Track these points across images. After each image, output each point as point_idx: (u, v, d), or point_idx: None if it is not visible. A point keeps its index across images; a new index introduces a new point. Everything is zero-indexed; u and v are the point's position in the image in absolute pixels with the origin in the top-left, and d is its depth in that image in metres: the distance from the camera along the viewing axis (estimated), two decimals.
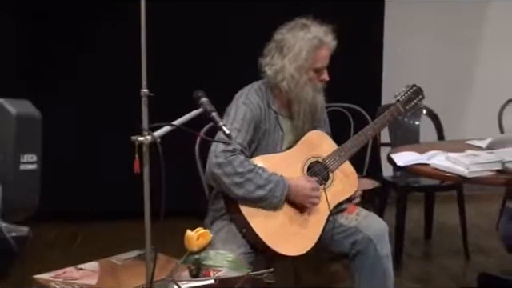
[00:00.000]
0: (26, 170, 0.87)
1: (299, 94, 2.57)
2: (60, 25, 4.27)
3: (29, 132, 0.88)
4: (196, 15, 4.34)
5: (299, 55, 2.53)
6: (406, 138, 3.91)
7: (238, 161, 2.42)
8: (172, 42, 4.25)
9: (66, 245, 4.02)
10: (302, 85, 2.56)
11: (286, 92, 2.57)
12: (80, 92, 4.34)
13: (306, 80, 2.56)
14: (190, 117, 2.00)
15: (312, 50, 2.54)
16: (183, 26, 4.33)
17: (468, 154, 2.89)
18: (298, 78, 2.55)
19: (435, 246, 4.11)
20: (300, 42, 2.54)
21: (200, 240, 1.98)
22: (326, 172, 2.62)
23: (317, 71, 2.59)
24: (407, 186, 3.79)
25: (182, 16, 4.32)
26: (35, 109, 0.93)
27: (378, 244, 2.55)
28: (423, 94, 2.85)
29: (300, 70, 2.55)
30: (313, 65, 2.56)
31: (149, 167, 1.87)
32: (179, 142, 2.77)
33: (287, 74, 2.54)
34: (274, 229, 2.46)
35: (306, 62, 2.54)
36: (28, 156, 0.87)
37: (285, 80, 2.55)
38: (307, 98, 2.58)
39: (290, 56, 2.54)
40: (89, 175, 4.40)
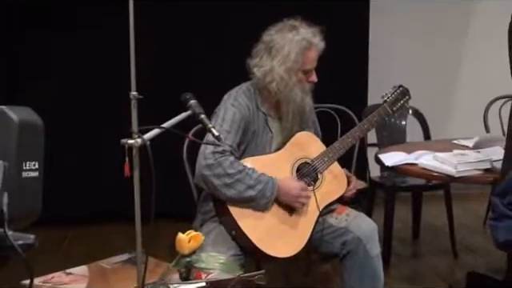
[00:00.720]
0: (28, 177, 0.86)
1: (288, 95, 2.57)
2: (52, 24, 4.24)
3: (31, 139, 0.88)
4: (185, 16, 4.33)
5: (288, 57, 2.54)
6: (392, 138, 3.92)
7: (228, 162, 2.41)
8: (160, 44, 4.23)
9: (54, 249, 3.99)
10: (291, 86, 2.56)
11: (275, 93, 2.58)
12: (68, 95, 4.31)
13: (295, 81, 2.56)
14: (179, 119, 2.00)
15: (301, 52, 2.54)
16: (172, 27, 4.31)
17: (456, 154, 2.91)
18: (287, 79, 2.55)
19: (423, 246, 4.13)
20: (289, 44, 2.54)
21: (191, 243, 1.97)
22: (315, 173, 2.62)
23: (305, 73, 2.59)
24: (394, 186, 3.80)
25: (170, 17, 4.30)
26: (37, 116, 0.93)
27: (368, 244, 2.56)
28: (409, 95, 2.87)
29: (289, 71, 2.55)
30: (302, 66, 2.57)
31: (139, 170, 1.87)
32: (168, 144, 2.78)
33: (276, 75, 2.54)
34: (264, 230, 2.46)
35: (295, 64, 2.55)
36: (30, 163, 0.87)
37: (274, 81, 2.55)
38: (296, 99, 2.58)
39: (279, 57, 2.54)
40: (77, 178, 4.38)
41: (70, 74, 4.31)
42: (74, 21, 4.24)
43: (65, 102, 4.26)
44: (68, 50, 4.28)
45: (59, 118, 4.25)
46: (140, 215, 1.91)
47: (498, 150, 2.96)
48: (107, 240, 4.06)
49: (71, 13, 4.22)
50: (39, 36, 4.23)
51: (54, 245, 4.06)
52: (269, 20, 2.65)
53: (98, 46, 4.25)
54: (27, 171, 0.88)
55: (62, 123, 4.21)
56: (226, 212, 2.47)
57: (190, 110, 2.05)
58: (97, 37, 4.24)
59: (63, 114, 4.20)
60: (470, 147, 3.18)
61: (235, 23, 4.26)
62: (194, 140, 2.32)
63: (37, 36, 4.23)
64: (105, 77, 4.21)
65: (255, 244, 2.43)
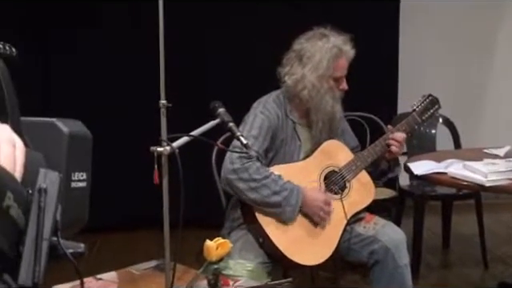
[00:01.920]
0: (76, 187, 0.90)
1: (319, 102, 2.58)
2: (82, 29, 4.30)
3: (80, 151, 0.91)
4: (213, 25, 4.36)
5: (320, 64, 2.55)
6: (422, 147, 3.89)
7: (254, 167, 2.43)
8: (188, 53, 4.27)
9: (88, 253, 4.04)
10: (323, 94, 2.57)
11: (306, 101, 2.58)
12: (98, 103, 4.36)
13: (326, 89, 2.57)
14: (208, 127, 2.02)
15: (332, 59, 2.55)
16: (199, 35, 4.34)
17: (486, 163, 2.87)
18: (318, 86, 2.56)
19: (453, 256, 4.08)
20: (320, 51, 2.55)
21: (219, 250, 1.99)
22: (343, 181, 2.62)
23: (336, 80, 2.60)
24: (424, 195, 3.77)
25: (198, 25, 4.34)
26: (86, 129, 0.97)
27: (397, 253, 2.54)
28: (439, 104, 2.84)
29: (321, 78, 2.56)
30: (333, 74, 2.58)
31: (168, 177, 1.89)
32: (197, 152, 2.80)
33: (308, 82, 2.55)
34: (292, 238, 2.47)
35: (326, 71, 2.56)
36: (79, 174, 0.90)
37: (306, 89, 2.56)
38: (326, 107, 2.59)
39: (310, 65, 2.56)
40: (107, 185, 4.41)
41: (99, 82, 4.36)
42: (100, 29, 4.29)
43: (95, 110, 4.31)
44: (97, 56, 4.33)
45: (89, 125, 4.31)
46: (168, 222, 1.93)
47: None
48: (136, 246, 4.09)
49: (99, 19, 4.28)
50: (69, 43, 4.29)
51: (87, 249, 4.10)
52: (296, 29, 2.66)
53: (128, 55, 4.30)
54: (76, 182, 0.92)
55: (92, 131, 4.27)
56: (253, 220, 2.48)
57: (218, 118, 2.07)
58: (126, 46, 4.29)
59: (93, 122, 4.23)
60: (501, 156, 3.14)
61: (263, 32, 4.28)
62: (223, 148, 2.34)
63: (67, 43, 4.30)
64: (134, 85, 4.26)
65: (283, 251, 2.44)
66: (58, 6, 4.23)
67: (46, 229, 0.81)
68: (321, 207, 2.49)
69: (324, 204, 2.50)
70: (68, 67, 4.35)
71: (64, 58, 4.33)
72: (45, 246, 0.80)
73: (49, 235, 0.82)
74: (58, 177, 0.81)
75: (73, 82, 4.36)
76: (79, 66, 4.35)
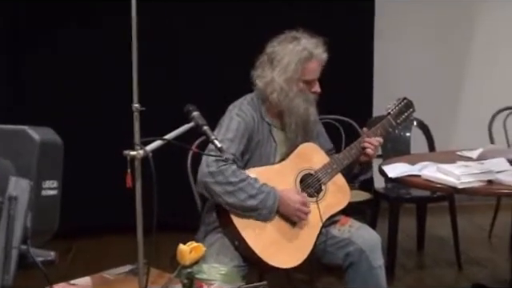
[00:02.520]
0: (47, 195, 0.90)
1: (289, 105, 2.58)
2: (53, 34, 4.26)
3: (51, 159, 0.91)
4: (187, 27, 4.35)
5: (288, 67, 2.55)
6: (397, 150, 3.92)
7: (230, 170, 2.43)
8: (162, 56, 4.25)
9: (59, 260, 4.00)
10: (292, 97, 2.57)
11: (276, 104, 2.59)
12: (68, 107, 4.32)
13: (295, 92, 2.58)
14: (181, 131, 2.01)
15: (301, 62, 2.56)
16: (173, 37, 4.33)
17: (459, 165, 2.90)
18: (287, 89, 2.56)
19: (428, 257, 4.12)
20: (289, 54, 2.56)
21: (193, 254, 1.98)
22: (319, 184, 2.63)
23: (307, 83, 2.60)
24: (399, 198, 3.80)
25: (172, 28, 4.32)
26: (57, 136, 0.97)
27: (371, 255, 2.56)
28: (414, 108, 2.87)
29: (289, 81, 2.56)
30: (302, 77, 2.58)
31: (141, 181, 1.88)
32: (172, 156, 2.79)
33: (277, 85, 2.56)
34: (267, 241, 2.47)
35: (294, 74, 2.56)
36: (49, 182, 0.90)
37: (275, 92, 2.57)
38: (298, 109, 2.59)
39: (279, 68, 2.56)
40: (80, 190, 4.38)
41: (71, 85, 4.31)
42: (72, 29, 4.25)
43: (66, 115, 4.27)
44: (69, 59, 4.29)
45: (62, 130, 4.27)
46: (142, 226, 1.92)
47: (502, 162, 2.95)
48: (111, 251, 4.06)
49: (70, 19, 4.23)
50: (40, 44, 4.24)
51: (58, 256, 4.06)
52: (271, 31, 2.66)
53: (99, 58, 4.26)
54: (46, 189, 0.91)
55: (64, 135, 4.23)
56: (229, 222, 2.48)
57: (193, 122, 2.07)
58: (98, 48, 4.26)
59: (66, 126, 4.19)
60: (474, 159, 3.17)
61: (238, 35, 4.28)
62: (197, 152, 2.33)
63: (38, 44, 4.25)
64: (107, 88, 4.22)
65: (258, 254, 2.43)
66: (28, 5, 4.17)
67: (16, 237, 0.81)
68: (298, 208, 2.50)
69: (301, 205, 2.50)
70: (39, 70, 4.29)
71: (34, 60, 4.27)
72: (14, 254, 0.80)
73: (18, 243, 0.82)
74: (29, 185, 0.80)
75: (44, 84, 4.30)
76: (50, 69, 4.30)
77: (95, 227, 4.36)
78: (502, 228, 4.18)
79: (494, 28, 5.11)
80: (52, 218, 0.94)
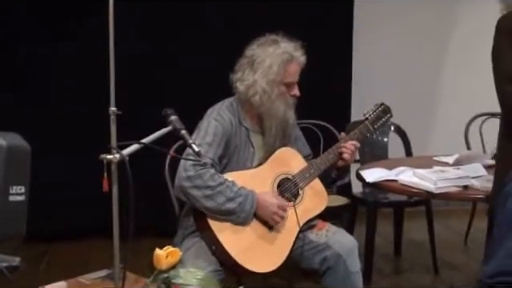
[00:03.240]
0: (14, 201, 0.89)
1: (271, 108, 2.59)
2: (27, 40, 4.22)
3: (18, 164, 0.90)
4: (165, 29, 4.33)
5: (270, 69, 2.57)
6: (374, 155, 3.95)
7: (208, 174, 2.43)
8: (140, 60, 4.23)
9: (33, 265, 3.96)
10: (274, 99, 2.59)
11: (257, 106, 2.60)
12: (45, 111, 4.28)
13: (277, 94, 2.59)
14: (159, 135, 2.01)
15: (282, 65, 2.58)
16: (150, 40, 4.31)
17: (435, 170, 2.93)
18: (269, 91, 2.57)
19: (405, 262, 4.14)
20: (270, 57, 2.58)
21: (169, 258, 1.97)
22: (296, 189, 2.63)
23: (287, 86, 2.62)
24: (376, 202, 3.82)
25: (149, 31, 4.31)
26: (24, 141, 0.96)
27: (348, 260, 2.57)
28: (391, 113, 2.89)
29: (271, 83, 2.57)
30: (283, 79, 2.59)
31: (117, 185, 1.87)
32: (150, 160, 2.78)
33: (259, 87, 2.57)
34: (244, 245, 2.46)
35: (276, 76, 2.57)
36: (17, 187, 0.89)
37: (257, 94, 2.57)
38: (278, 112, 2.60)
39: (260, 70, 2.58)
40: (55, 194, 4.34)
41: (46, 90, 4.28)
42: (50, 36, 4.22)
43: (42, 118, 4.24)
44: (43, 64, 4.25)
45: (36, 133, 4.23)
46: (118, 230, 1.91)
47: (478, 167, 2.99)
48: (87, 255, 4.03)
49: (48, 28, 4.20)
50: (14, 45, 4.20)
51: (33, 260, 4.02)
52: (250, 35, 2.67)
53: (75, 61, 4.24)
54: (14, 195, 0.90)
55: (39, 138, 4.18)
56: (206, 226, 2.47)
57: (170, 126, 2.06)
58: (74, 51, 4.23)
59: (41, 130, 4.17)
60: (450, 164, 3.20)
61: (218, 40, 4.28)
62: (174, 156, 2.33)
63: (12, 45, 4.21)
64: (83, 92, 4.20)
65: (234, 258, 2.43)
66: None
67: None
68: (275, 211, 2.50)
69: (278, 208, 2.51)
70: (14, 70, 4.25)
71: (6, 61, 4.23)
72: None
73: None
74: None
75: (18, 86, 4.26)
76: (24, 70, 4.26)
77: (71, 231, 4.32)
78: (477, 233, 4.22)
79: (470, 33, 5.16)
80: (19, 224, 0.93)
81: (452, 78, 5.26)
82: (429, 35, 5.15)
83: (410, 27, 5.11)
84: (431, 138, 5.14)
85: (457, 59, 5.24)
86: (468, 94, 5.19)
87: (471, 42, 5.19)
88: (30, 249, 4.11)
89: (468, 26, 5.19)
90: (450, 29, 5.22)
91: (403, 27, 5.10)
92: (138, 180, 1.87)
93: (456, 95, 5.23)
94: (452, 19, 5.21)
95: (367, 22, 4.88)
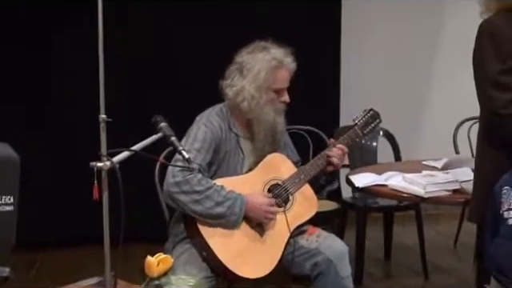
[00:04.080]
0: (3, 211, 0.89)
1: (260, 114, 2.60)
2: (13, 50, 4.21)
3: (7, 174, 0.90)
4: (156, 34, 4.33)
5: (258, 75, 2.58)
6: (364, 159, 3.96)
7: (196, 179, 2.44)
8: (128, 66, 4.23)
9: (23, 273, 3.94)
10: (262, 105, 2.59)
11: (246, 112, 2.60)
12: (35, 118, 4.27)
13: (265, 100, 2.60)
14: (149, 142, 2.01)
15: (271, 71, 2.59)
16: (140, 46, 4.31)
17: (425, 175, 2.95)
18: (257, 97, 2.58)
19: (395, 266, 4.15)
20: (259, 63, 2.59)
21: (160, 266, 1.97)
22: (286, 194, 2.64)
23: (277, 92, 2.63)
24: (366, 207, 3.83)
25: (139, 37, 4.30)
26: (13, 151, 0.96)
27: (339, 265, 2.58)
28: (380, 118, 2.90)
29: (259, 89, 2.58)
30: (272, 85, 2.60)
31: (108, 193, 1.87)
32: (140, 167, 2.78)
33: (247, 94, 2.58)
34: (234, 251, 2.47)
35: (265, 82, 2.58)
36: (6, 198, 0.89)
37: (245, 100, 2.58)
38: (268, 118, 2.61)
39: (249, 76, 2.59)
40: (45, 201, 4.33)
41: (37, 97, 4.27)
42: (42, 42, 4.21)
43: (32, 126, 4.22)
44: (34, 70, 4.24)
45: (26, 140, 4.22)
46: (109, 238, 1.91)
47: (467, 171, 3.01)
48: (77, 264, 4.01)
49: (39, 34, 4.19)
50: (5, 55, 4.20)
51: (22, 269, 4.00)
52: (239, 41, 2.68)
53: (66, 68, 4.23)
54: (2, 205, 0.90)
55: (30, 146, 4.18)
56: (196, 233, 2.48)
57: (160, 133, 2.07)
58: (64, 58, 4.22)
59: (30, 137, 4.16)
60: (439, 168, 3.22)
61: (206, 44, 4.28)
62: (164, 163, 2.33)
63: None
64: (73, 98, 4.19)
65: (225, 264, 2.44)
66: None
67: None
68: (265, 210, 2.52)
69: (268, 206, 2.52)
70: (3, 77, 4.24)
71: None
72: None
73: None
74: None
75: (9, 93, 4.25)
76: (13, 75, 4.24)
77: (61, 238, 4.30)
78: (467, 236, 4.24)
79: (459, 38, 5.17)
80: (8, 234, 0.93)
81: (440, 82, 5.28)
82: (417, 39, 5.18)
83: (399, 31, 5.13)
84: (420, 142, 5.16)
85: (445, 63, 5.26)
86: (456, 98, 5.21)
87: (461, 45, 5.21)
88: (19, 257, 4.11)
89: (458, 31, 5.22)
90: (440, 33, 5.25)
91: (391, 31, 5.12)
92: (127, 186, 1.87)
93: (444, 99, 5.25)
94: (442, 23, 5.23)
95: (355, 26, 4.90)
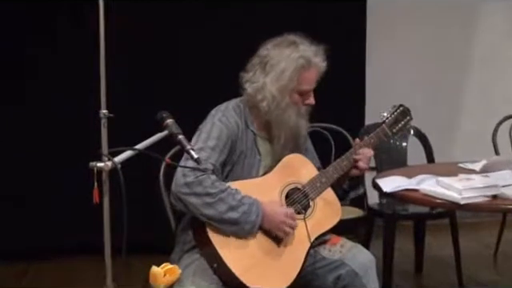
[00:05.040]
0: None
1: (280, 117, 2.58)
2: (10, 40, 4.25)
3: None
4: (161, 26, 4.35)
5: (282, 74, 2.55)
6: (392, 162, 3.95)
7: (209, 181, 2.42)
8: (132, 58, 4.25)
9: (13, 285, 3.97)
10: (284, 107, 2.57)
11: (265, 113, 2.58)
12: (27, 117, 4.30)
13: (288, 102, 2.57)
14: (154, 140, 2.01)
15: (297, 71, 2.55)
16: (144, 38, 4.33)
17: (461, 178, 2.92)
18: (279, 99, 2.56)
19: (427, 280, 4.14)
20: (285, 60, 2.55)
21: (167, 277, 1.98)
22: (306, 200, 2.63)
23: (301, 94, 2.60)
24: (395, 214, 3.82)
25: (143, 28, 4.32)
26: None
27: (365, 278, 2.56)
28: (411, 115, 2.89)
29: (282, 90, 2.56)
30: (297, 87, 2.57)
31: (109, 196, 1.88)
32: (143, 168, 2.78)
33: (268, 93, 2.55)
34: (249, 263, 2.46)
35: (289, 83, 2.56)
36: None
37: (265, 100, 2.56)
38: (289, 122, 2.59)
39: (272, 74, 2.56)
40: (39, 207, 4.35)
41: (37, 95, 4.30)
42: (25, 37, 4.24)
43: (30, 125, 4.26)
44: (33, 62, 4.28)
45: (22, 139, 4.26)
46: (110, 247, 1.91)
47: (508, 175, 2.98)
48: (74, 275, 4.04)
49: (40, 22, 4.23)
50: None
51: (12, 281, 4.03)
52: (256, 36, 2.64)
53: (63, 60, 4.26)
54: None
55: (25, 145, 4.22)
56: (206, 242, 2.46)
57: (166, 130, 2.07)
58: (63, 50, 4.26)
59: (26, 136, 4.19)
60: (477, 171, 3.20)
61: (221, 37, 4.29)
62: (172, 164, 2.33)
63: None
64: (72, 93, 4.22)
65: (239, 278, 2.42)
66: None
67: None
68: (283, 221, 2.49)
69: (287, 217, 2.50)
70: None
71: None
72: None
73: None
74: None
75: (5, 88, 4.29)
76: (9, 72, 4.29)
77: (56, 248, 4.32)
78: (508, 247, 4.22)
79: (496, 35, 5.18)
80: None
81: (478, 77, 5.26)
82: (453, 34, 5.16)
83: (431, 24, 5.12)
84: (455, 142, 5.14)
85: (483, 56, 5.24)
86: (496, 94, 5.19)
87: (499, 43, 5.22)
88: (7, 267, 4.15)
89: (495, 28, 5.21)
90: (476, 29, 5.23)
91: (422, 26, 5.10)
92: (129, 190, 1.87)
93: (483, 95, 5.23)
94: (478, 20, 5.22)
95: (383, 17, 4.90)
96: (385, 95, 4.48)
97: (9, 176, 4.28)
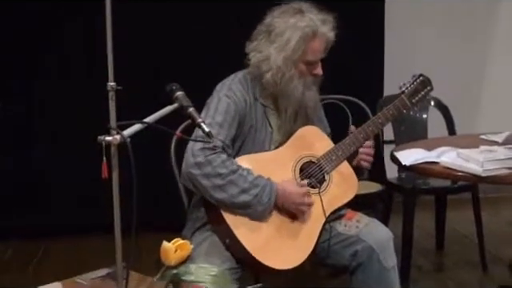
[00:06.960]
0: None
1: (285, 88, 2.58)
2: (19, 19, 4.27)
3: None
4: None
5: (288, 44, 2.54)
6: (412, 134, 3.94)
7: (219, 160, 2.44)
8: (139, 29, 4.25)
9: (24, 264, 4.02)
10: (289, 78, 2.57)
11: (270, 85, 2.59)
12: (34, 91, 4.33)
13: (293, 73, 2.57)
14: (163, 113, 2.02)
15: (303, 40, 2.54)
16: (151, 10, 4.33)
17: (483, 150, 2.92)
18: (284, 70, 2.56)
19: (448, 257, 4.15)
20: (290, 29, 2.55)
21: (178, 252, 2.00)
22: (321, 174, 2.64)
23: (308, 64, 2.60)
24: (415, 189, 3.82)
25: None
26: None
27: (382, 254, 2.58)
28: (431, 85, 2.88)
29: (287, 61, 2.55)
30: (303, 57, 2.57)
31: (118, 172, 1.89)
32: (153, 143, 2.80)
33: (273, 63, 2.56)
34: (262, 239, 2.49)
35: (294, 53, 2.55)
36: None
37: (270, 71, 2.56)
38: (295, 93, 2.59)
39: (277, 43, 2.56)
40: (48, 184, 4.40)
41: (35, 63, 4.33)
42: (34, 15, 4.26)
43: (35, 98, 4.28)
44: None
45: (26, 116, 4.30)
46: (120, 224, 1.93)
47: None
48: (85, 253, 4.09)
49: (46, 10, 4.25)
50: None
51: (24, 258, 4.09)
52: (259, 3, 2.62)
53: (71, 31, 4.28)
54: None
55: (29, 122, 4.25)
56: (219, 219, 2.49)
57: (176, 103, 2.07)
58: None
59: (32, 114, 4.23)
60: (500, 143, 3.20)
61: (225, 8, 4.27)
62: (182, 137, 2.34)
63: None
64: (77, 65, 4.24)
65: (252, 254, 2.45)
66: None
67: None
68: (300, 202, 2.51)
69: (303, 196, 2.51)
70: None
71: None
72: None
73: None
74: None
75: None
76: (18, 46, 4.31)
77: (66, 227, 4.37)
78: None
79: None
80: None
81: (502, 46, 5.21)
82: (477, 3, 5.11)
83: None
84: (477, 113, 5.11)
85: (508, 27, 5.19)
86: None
87: None
88: (18, 246, 4.21)
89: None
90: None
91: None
92: (139, 166, 1.89)
93: (506, 65, 5.19)
94: None
95: None
96: (404, 65, 4.47)
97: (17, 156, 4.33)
